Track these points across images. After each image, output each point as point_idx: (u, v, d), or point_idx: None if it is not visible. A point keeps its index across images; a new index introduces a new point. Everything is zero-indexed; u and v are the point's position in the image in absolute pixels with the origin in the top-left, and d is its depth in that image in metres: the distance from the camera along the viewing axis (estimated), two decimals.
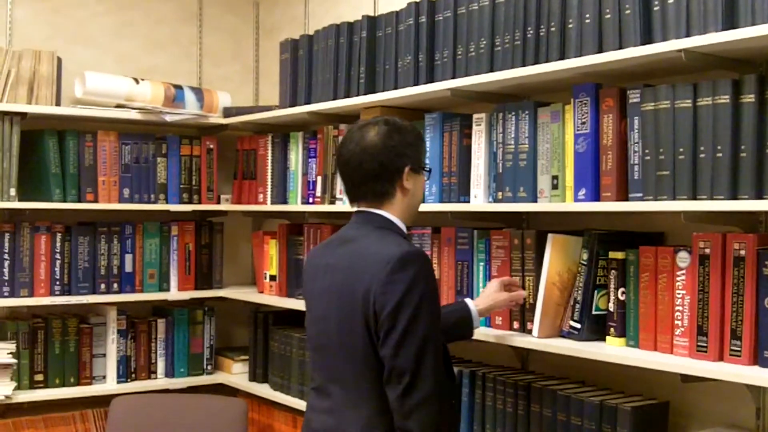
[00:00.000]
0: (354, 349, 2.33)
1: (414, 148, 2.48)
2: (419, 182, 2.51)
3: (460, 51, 3.02)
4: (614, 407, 2.53)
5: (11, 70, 3.77)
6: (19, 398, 3.75)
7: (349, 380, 2.37)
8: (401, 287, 2.25)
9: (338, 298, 2.39)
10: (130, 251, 4.09)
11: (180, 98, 4.15)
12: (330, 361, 2.43)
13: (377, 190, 2.44)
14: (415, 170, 2.47)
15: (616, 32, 2.51)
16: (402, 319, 2.24)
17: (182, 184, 4.19)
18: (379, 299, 2.26)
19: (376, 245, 2.36)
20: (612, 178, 2.52)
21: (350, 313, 2.34)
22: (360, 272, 2.33)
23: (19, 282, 3.81)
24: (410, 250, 2.32)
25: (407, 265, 2.27)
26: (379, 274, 2.27)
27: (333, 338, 2.40)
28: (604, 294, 2.63)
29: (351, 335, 2.33)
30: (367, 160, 2.43)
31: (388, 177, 2.43)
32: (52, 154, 3.86)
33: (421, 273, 2.28)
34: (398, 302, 2.24)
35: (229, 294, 4.29)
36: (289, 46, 3.88)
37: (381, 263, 2.29)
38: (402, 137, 2.46)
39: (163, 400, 3.89)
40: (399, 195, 2.45)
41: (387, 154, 2.42)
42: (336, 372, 2.41)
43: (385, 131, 2.46)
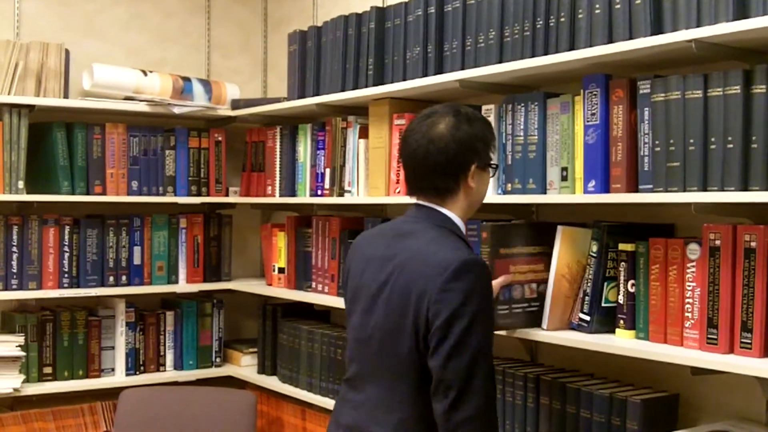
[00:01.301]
0: (397, 350, 2.26)
1: (483, 142, 2.39)
2: (484, 180, 2.42)
3: (469, 42, 3.01)
4: (624, 400, 2.52)
5: (19, 63, 3.77)
6: (28, 391, 3.76)
7: (386, 380, 2.30)
8: (458, 297, 2.16)
9: (389, 294, 2.30)
10: (139, 244, 4.09)
11: (188, 90, 4.15)
12: (369, 355, 2.35)
13: (440, 186, 2.35)
14: (482, 167, 2.39)
15: (626, 22, 2.49)
16: (455, 330, 2.15)
17: (191, 177, 4.19)
18: (434, 306, 2.18)
19: (435, 246, 2.27)
20: (622, 169, 2.50)
21: (400, 312, 2.26)
22: (416, 273, 2.24)
23: (28, 275, 3.82)
24: (469, 258, 2.22)
25: (466, 274, 2.18)
26: (436, 280, 2.18)
27: (376, 333, 2.32)
28: (613, 286, 2.62)
29: (397, 335, 2.26)
30: (433, 154, 2.33)
31: (454, 174, 2.34)
32: (60, 147, 3.86)
33: (480, 283, 2.21)
34: (453, 312, 2.16)
35: (237, 286, 4.29)
36: (297, 37, 3.87)
37: (439, 268, 2.20)
38: (472, 130, 2.36)
39: (171, 393, 3.89)
40: (462, 193, 2.36)
41: (455, 148, 2.33)
42: (374, 368, 2.34)
43: (455, 122, 2.35)
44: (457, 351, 2.15)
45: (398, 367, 2.27)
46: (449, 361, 2.15)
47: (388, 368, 2.29)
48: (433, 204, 2.37)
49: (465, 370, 2.15)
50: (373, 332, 2.33)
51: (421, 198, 2.40)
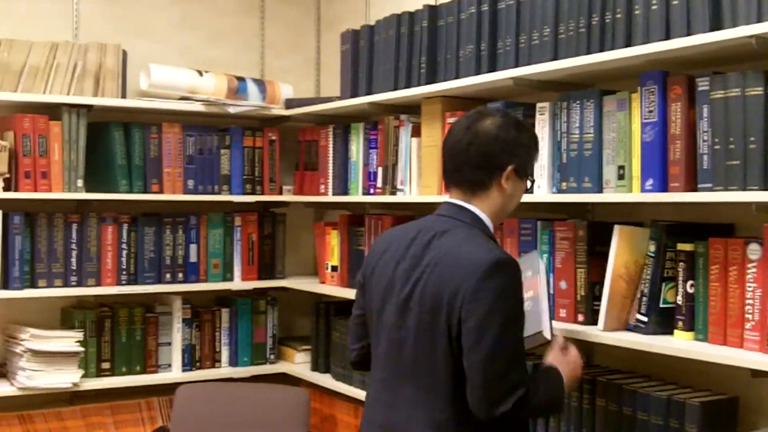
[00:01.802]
0: (432, 350, 2.27)
1: (525, 150, 2.42)
2: (519, 187, 2.43)
3: (523, 39, 2.98)
4: (682, 402, 2.49)
5: (78, 63, 3.82)
6: (86, 386, 3.81)
7: (421, 380, 2.30)
8: (491, 296, 2.18)
9: (422, 294, 2.30)
10: (195, 241, 4.13)
11: (243, 90, 4.18)
12: (405, 356, 2.35)
13: (475, 179, 2.37)
14: (520, 174, 2.40)
15: (684, 18, 2.45)
16: (491, 330, 2.17)
17: (245, 175, 4.22)
18: (467, 306, 2.20)
19: (467, 246, 2.28)
20: (680, 167, 2.46)
21: (433, 313, 2.26)
22: (448, 273, 2.26)
23: (87, 272, 3.87)
24: (502, 258, 2.24)
25: (498, 273, 2.21)
26: (469, 280, 2.20)
27: (411, 334, 2.32)
28: (672, 287, 2.58)
29: (431, 335, 2.27)
30: (474, 144, 2.36)
31: (490, 169, 2.36)
32: (118, 146, 3.91)
33: (512, 282, 2.23)
34: (487, 312, 2.17)
35: (291, 284, 4.31)
36: (349, 36, 3.87)
37: (471, 267, 2.21)
38: (518, 134, 2.40)
39: (226, 389, 3.93)
40: (495, 192, 2.38)
41: (497, 145, 2.36)
42: (409, 368, 2.34)
43: (503, 123, 2.39)
44: (493, 351, 2.17)
45: (433, 367, 2.27)
46: (486, 361, 2.17)
47: (424, 368, 2.30)
48: (464, 201, 2.39)
49: (503, 369, 2.17)
50: (408, 333, 2.33)
51: (454, 193, 2.42)
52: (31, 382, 3.64)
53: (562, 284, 2.85)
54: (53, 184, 3.75)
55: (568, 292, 2.84)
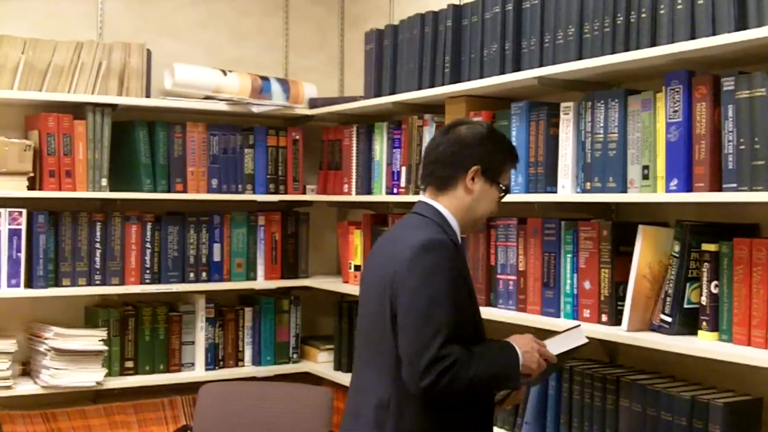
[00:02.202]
0: (381, 333, 2.36)
1: (494, 154, 2.46)
2: (488, 193, 2.46)
3: (547, 38, 2.98)
4: (706, 403, 2.47)
5: (102, 63, 3.85)
6: (110, 384, 3.83)
7: (372, 362, 2.41)
8: (419, 274, 2.26)
9: (372, 283, 2.43)
10: (218, 240, 4.15)
11: (267, 89, 4.19)
12: (362, 343, 2.49)
13: (441, 176, 2.45)
14: (488, 177, 2.44)
15: (709, 18, 2.44)
16: (416, 306, 2.24)
17: (269, 175, 4.23)
18: (399, 286, 2.29)
19: (409, 232, 2.38)
20: (705, 167, 2.45)
21: (379, 298, 2.36)
22: (389, 258, 2.37)
23: (111, 270, 3.90)
24: (433, 238, 2.32)
25: (427, 252, 2.28)
26: (403, 261, 2.30)
27: (366, 322, 2.46)
28: (696, 287, 2.57)
29: (378, 319, 2.37)
30: (443, 145, 2.46)
31: (454, 167, 2.43)
32: (142, 145, 3.93)
33: (441, 260, 2.28)
34: (415, 289, 2.25)
35: (314, 283, 4.32)
36: (373, 36, 3.87)
37: (406, 249, 2.31)
38: (490, 141, 2.46)
39: (250, 388, 3.93)
40: (461, 191, 2.43)
41: (463, 146, 2.43)
42: (365, 354, 2.47)
43: (477, 129, 2.47)
44: (417, 326, 2.23)
45: (380, 350, 2.36)
46: (411, 336, 2.24)
47: (373, 351, 2.40)
48: (431, 198, 2.46)
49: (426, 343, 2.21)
50: (364, 321, 2.48)
51: (426, 193, 2.50)
52: (54, 381, 3.67)
53: (586, 284, 2.84)
54: (77, 183, 3.77)
55: (591, 292, 2.83)
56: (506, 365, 2.33)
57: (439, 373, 2.20)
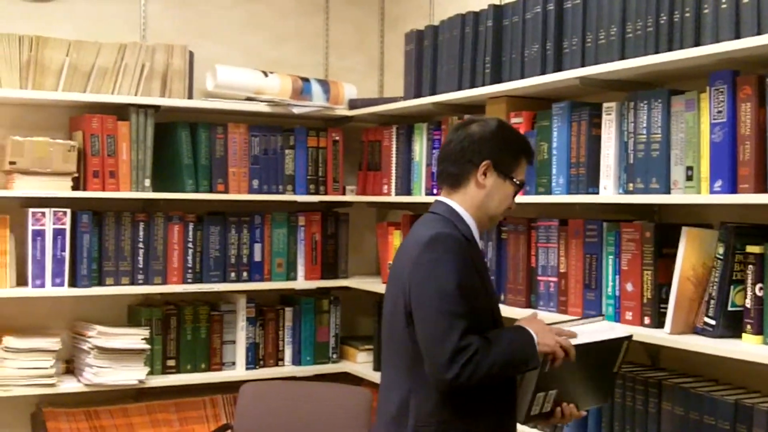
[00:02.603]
0: (397, 329, 2.37)
1: (508, 151, 2.45)
2: (501, 188, 2.43)
3: (589, 38, 2.96)
4: (750, 407, 2.45)
5: (145, 64, 3.88)
6: (152, 383, 3.87)
7: (392, 360, 2.42)
8: (427, 267, 2.28)
9: (390, 281, 2.46)
10: (259, 240, 4.17)
11: (307, 91, 4.20)
12: (384, 340, 2.50)
13: (452, 173, 2.45)
14: (500, 172, 2.42)
15: (754, 17, 2.41)
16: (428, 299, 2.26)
17: (309, 175, 4.25)
18: (410, 281, 2.30)
19: (421, 229, 2.39)
20: (750, 169, 2.42)
21: (395, 296, 2.39)
22: (403, 256, 2.40)
23: (153, 270, 3.93)
24: (440, 232, 2.33)
25: (434, 246, 2.29)
26: (411, 258, 2.32)
27: (386, 321, 2.47)
28: (740, 289, 2.54)
29: (395, 316, 2.38)
30: (454, 141, 2.46)
31: (463, 162, 2.43)
32: (184, 146, 3.96)
33: (447, 252, 2.28)
34: (424, 282, 2.27)
35: (354, 284, 4.33)
36: (413, 36, 3.87)
37: (415, 245, 2.33)
38: (501, 136, 2.45)
39: (289, 388, 3.94)
40: (473, 187, 2.42)
41: (474, 142, 2.43)
42: (387, 352, 2.48)
43: (487, 126, 2.46)
44: (431, 318, 2.24)
45: (397, 347, 2.38)
46: (427, 330, 2.25)
47: (393, 349, 2.41)
48: (446, 196, 2.48)
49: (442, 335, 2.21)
50: (385, 320, 2.48)
51: (441, 191, 2.51)
52: (97, 379, 3.71)
53: (629, 286, 2.82)
54: (121, 184, 3.81)
55: (634, 294, 2.80)
56: (522, 346, 2.31)
57: (462, 364, 2.20)
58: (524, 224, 3.24)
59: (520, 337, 2.33)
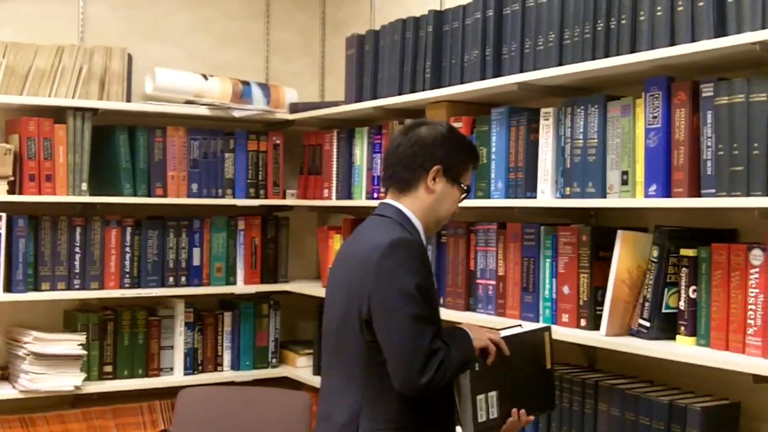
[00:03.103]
0: (348, 336, 2.35)
1: (455, 154, 2.46)
2: (449, 193, 2.46)
3: (528, 45, 2.99)
4: (684, 407, 2.49)
5: (83, 67, 3.83)
6: (89, 389, 3.82)
7: (342, 366, 2.40)
8: (390, 273, 2.26)
9: (339, 285, 2.43)
10: (198, 245, 4.14)
11: (248, 94, 4.19)
12: (330, 345, 2.47)
13: (402, 178, 2.44)
14: (449, 177, 2.44)
15: (688, 25, 2.46)
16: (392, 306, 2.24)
17: (249, 179, 4.23)
18: (371, 287, 2.28)
19: (374, 233, 2.38)
20: (684, 173, 2.47)
21: (347, 300, 2.36)
22: (354, 261, 2.36)
23: (90, 275, 3.88)
24: (399, 237, 2.32)
25: (395, 251, 2.28)
26: (371, 263, 2.29)
27: (333, 324, 2.43)
28: (674, 292, 2.59)
29: (346, 322, 2.36)
30: (403, 146, 2.45)
31: (415, 168, 2.42)
32: (122, 150, 3.92)
33: (409, 258, 2.28)
34: (388, 289, 2.25)
35: (294, 288, 4.31)
36: (355, 41, 3.88)
37: (373, 251, 2.30)
38: (451, 141, 2.46)
39: (229, 393, 3.91)
40: (423, 192, 2.43)
41: (425, 146, 2.42)
42: (333, 357, 2.45)
43: (437, 130, 2.46)
44: (402, 325, 2.23)
45: (350, 352, 2.35)
46: (399, 336, 2.23)
47: (344, 354, 2.38)
48: (394, 200, 2.46)
49: (416, 340, 2.21)
50: (331, 324, 2.45)
51: (388, 194, 2.49)
52: (33, 385, 3.64)
53: (565, 289, 2.86)
54: (58, 187, 3.76)
55: (570, 297, 2.84)
56: (466, 345, 2.34)
57: (436, 368, 2.21)
58: (463, 228, 3.27)
59: (462, 337, 2.36)
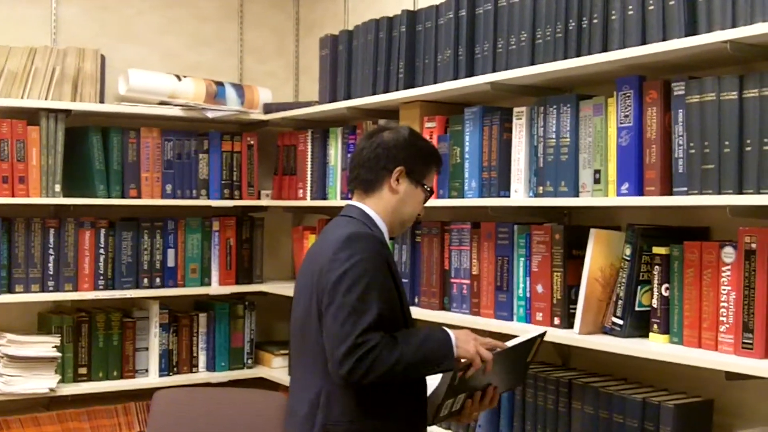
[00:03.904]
0: (309, 331, 2.38)
1: (418, 156, 2.50)
2: (413, 194, 2.49)
3: (500, 44, 3.00)
4: (657, 405, 2.50)
5: (56, 68, 3.81)
6: (63, 391, 3.80)
7: (304, 361, 2.43)
8: (341, 265, 2.28)
9: (302, 284, 2.46)
10: (173, 246, 4.12)
11: (221, 95, 4.18)
12: (295, 342, 2.50)
13: (366, 179, 2.48)
14: (412, 179, 2.47)
15: (660, 24, 2.48)
16: (337, 295, 2.26)
17: (223, 180, 4.22)
18: (323, 282, 2.31)
19: (335, 231, 2.41)
20: (656, 171, 2.48)
21: (308, 296, 2.39)
22: (316, 256, 2.41)
23: (64, 276, 3.86)
24: (355, 231, 2.36)
25: (349, 245, 2.31)
26: (327, 257, 2.32)
27: (297, 322, 2.47)
28: (647, 290, 2.60)
29: (306, 317, 2.39)
30: (367, 148, 2.49)
31: (378, 169, 2.46)
32: (96, 151, 3.90)
33: (362, 252, 2.30)
34: (337, 279, 2.27)
35: (269, 289, 4.31)
36: (328, 41, 3.88)
37: (330, 245, 2.34)
38: (413, 144, 2.50)
39: (204, 394, 3.90)
40: (387, 192, 2.47)
41: (388, 149, 2.47)
42: (298, 353, 2.48)
43: (399, 134, 2.51)
44: (337, 314, 2.25)
45: (310, 347, 2.38)
46: (332, 325, 2.25)
47: (306, 349, 2.41)
48: (358, 201, 2.49)
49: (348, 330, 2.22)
50: (296, 321, 2.48)
51: (354, 196, 2.53)
52: (8, 388, 3.62)
53: (539, 288, 2.87)
54: (31, 189, 3.73)
55: (544, 295, 2.85)
56: (438, 346, 2.32)
57: (356, 359, 2.20)
58: (437, 227, 3.27)
59: (436, 337, 2.34)
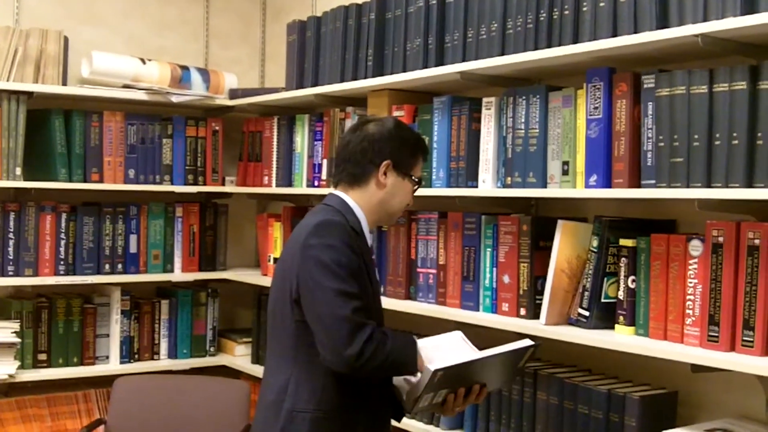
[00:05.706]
0: (282, 316, 2.39)
1: (405, 148, 2.49)
2: (401, 187, 2.49)
3: (470, 34, 2.99)
4: (622, 396, 2.52)
5: (18, 49, 3.74)
6: (23, 377, 3.74)
7: (277, 347, 2.44)
8: (315, 252, 2.29)
9: (278, 269, 2.46)
10: (135, 232, 4.08)
11: (186, 79, 4.13)
12: (269, 328, 2.51)
13: (352, 173, 2.47)
14: (399, 171, 2.46)
15: (631, 16, 2.48)
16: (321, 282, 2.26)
17: (187, 166, 4.17)
18: (297, 267, 2.32)
19: (310, 219, 2.41)
20: (624, 164, 2.49)
21: (282, 283, 2.40)
22: (291, 243, 2.42)
23: (24, 261, 3.80)
24: (325, 218, 2.36)
25: (320, 232, 2.32)
26: (300, 244, 2.33)
27: (271, 307, 2.48)
28: (613, 282, 2.61)
29: (280, 303, 2.40)
30: (353, 142, 2.47)
31: (364, 163, 2.45)
32: (58, 134, 3.84)
33: (334, 238, 2.31)
34: (313, 267, 2.27)
35: (232, 276, 4.27)
36: (296, 27, 3.84)
37: (302, 233, 2.35)
38: (399, 136, 2.49)
39: (165, 382, 3.87)
40: (373, 186, 2.46)
41: (374, 142, 2.45)
42: (272, 338, 2.48)
43: (385, 126, 2.49)
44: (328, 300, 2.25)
45: (283, 333, 2.40)
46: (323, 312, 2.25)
47: (278, 335, 2.43)
48: (342, 192, 2.49)
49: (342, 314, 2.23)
50: (271, 307, 2.49)
51: (336, 186, 2.52)
52: None
53: (505, 278, 2.87)
54: None
55: (510, 286, 2.85)
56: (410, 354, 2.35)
57: (365, 340, 2.21)
58: (404, 217, 3.26)
59: (405, 342, 2.36)
